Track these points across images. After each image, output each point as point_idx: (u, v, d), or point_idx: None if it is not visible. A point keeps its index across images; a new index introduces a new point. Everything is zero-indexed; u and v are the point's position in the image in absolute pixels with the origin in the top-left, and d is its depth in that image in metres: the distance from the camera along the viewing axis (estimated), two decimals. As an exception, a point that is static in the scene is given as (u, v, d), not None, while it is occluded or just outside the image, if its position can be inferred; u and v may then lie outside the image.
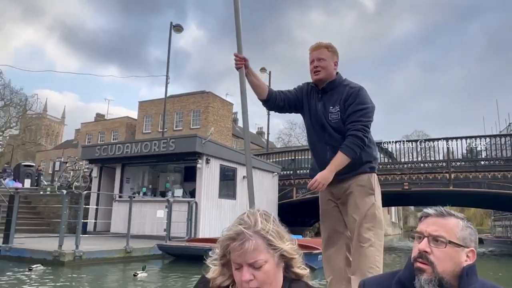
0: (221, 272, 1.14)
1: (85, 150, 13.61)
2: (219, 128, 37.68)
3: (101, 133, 42.94)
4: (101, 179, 13.29)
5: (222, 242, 1.10)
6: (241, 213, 1.14)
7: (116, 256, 8.48)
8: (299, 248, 1.16)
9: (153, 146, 11.68)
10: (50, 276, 6.74)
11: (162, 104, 40.40)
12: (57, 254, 7.45)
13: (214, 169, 11.75)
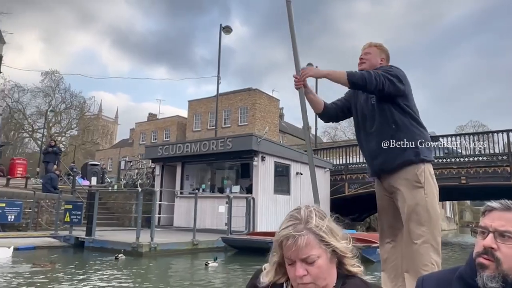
0: (276, 269, 1.15)
1: (148, 150, 14.64)
2: (267, 124, 38.25)
3: (154, 132, 45.03)
4: (163, 177, 14.25)
5: (275, 239, 1.12)
6: (292, 209, 1.16)
7: (184, 248, 9.23)
8: (354, 247, 1.16)
9: (211, 145, 12.39)
10: (132, 264, 7.59)
11: (211, 103, 41.79)
12: (135, 246, 8.30)
13: (269, 166, 12.24)
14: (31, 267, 6.44)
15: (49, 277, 5.88)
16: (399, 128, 2.51)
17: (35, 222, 11.06)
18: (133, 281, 5.99)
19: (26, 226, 10.83)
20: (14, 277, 5.67)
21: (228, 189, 12.75)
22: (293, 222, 1.09)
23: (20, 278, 5.59)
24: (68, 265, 7.27)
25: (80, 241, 9.57)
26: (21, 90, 48.33)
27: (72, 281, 5.73)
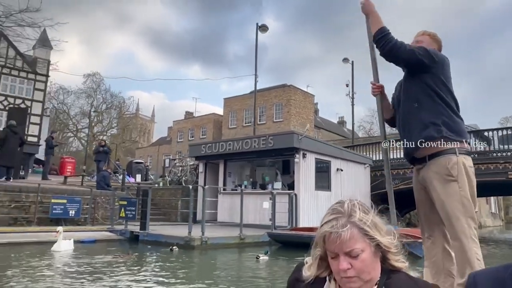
0: (318, 263, 1.15)
1: (192, 148, 15.25)
2: (302, 120, 38.30)
3: (191, 129, 46.19)
4: (206, 174, 14.82)
5: (318, 232, 1.12)
6: (334, 202, 1.16)
7: (232, 242, 9.68)
8: (399, 243, 1.15)
9: (253, 143, 12.78)
10: (186, 256, 8.12)
11: (246, 100, 42.29)
12: (188, 239, 8.83)
13: (310, 162, 12.48)
14: (113, 257, 7.11)
15: (126, 265, 6.48)
16: (421, 106, 2.45)
17: (92, 217, 11.90)
18: (190, 270, 6.49)
19: (84, 221, 11.68)
20: (102, 266, 6.30)
21: (269, 185, 13.10)
22: (336, 216, 1.09)
23: (104, 267, 6.21)
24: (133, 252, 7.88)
25: (135, 235, 10.25)
26: (66, 92, 50.95)
27: (139, 268, 6.29)
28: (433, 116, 2.38)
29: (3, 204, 10.32)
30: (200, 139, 44.73)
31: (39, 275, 5.51)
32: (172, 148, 48.36)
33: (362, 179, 15.12)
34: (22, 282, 5.00)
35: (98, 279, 5.38)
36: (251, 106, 40.44)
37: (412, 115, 2.48)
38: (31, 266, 6.20)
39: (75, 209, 11.33)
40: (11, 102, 34.42)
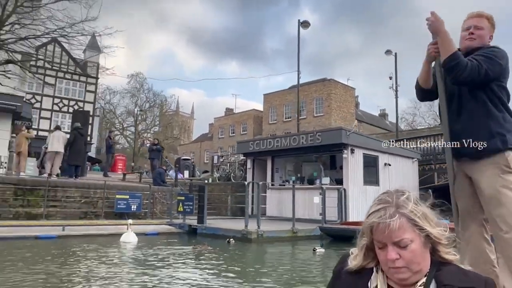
0: (364, 253, 1.13)
1: (240, 145, 15.79)
2: (343, 114, 38.03)
3: (232, 126, 47.07)
4: (254, 170, 15.31)
5: (366, 222, 1.10)
6: (381, 193, 1.14)
7: (285, 236, 10.09)
8: (450, 236, 1.13)
9: (301, 140, 13.09)
10: (244, 248, 8.63)
11: (285, 95, 42.43)
12: (245, 232, 9.34)
13: (358, 158, 12.62)
14: (193, 248, 7.91)
15: (195, 255, 7.08)
16: (486, 113, 2.31)
17: (151, 211, 12.73)
18: (256, 261, 6.97)
19: (144, 215, 12.52)
20: (184, 254, 6.95)
21: (317, 180, 13.37)
22: (384, 205, 1.07)
23: (185, 256, 6.85)
24: (183, 246, 8.49)
25: (193, 228, 10.91)
26: (112, 92, 53.39)
27: (206, 258, 6.85)
28: (499, 126, 2.28)
29: (75, 199, 11.32)
30: (240, 135, 45.52)
31: (116, 263, 6.19)
32: (214, 144, 49.53)
33: (410, 174, 15.01)
34: (111, 270, 5.66)
35: (169, 266, 5.97)
36: (291, 101, 40.71)
37: (474, 120, 2.34)
38: (108, 255, 6.92)
39: (137, 204, 12.18)
40: (65, 104, 36.74)
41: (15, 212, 10.21)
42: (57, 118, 35.73)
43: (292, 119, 40.02)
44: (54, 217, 10.70)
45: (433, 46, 2.29)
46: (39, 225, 9.20)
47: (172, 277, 5.26)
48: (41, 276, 5.03)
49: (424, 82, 2.46)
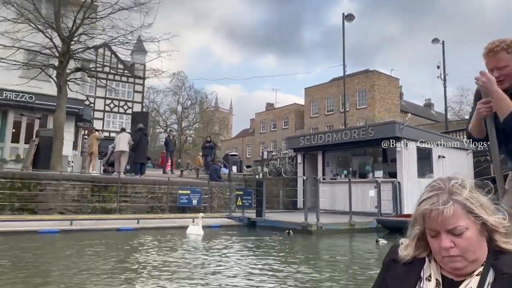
0: (416, 243, 1.09)
1: (290, 141, 16.21)
2: (387, 105, 37.37)
3: (273, 120, 47.49)
4: (304, 164, 15.67)
5: (417, 210, 1.06)
6: (433, 180, 1.10)
7: (343, 228, 10.42)
8: (510, 226, 1.06)
9: (352, 134, 13.29)
10: (305, 239, 9.07)
11: (326, 88, 42.20)
12: (305, 225, 9.77)
13: (411, 151, 12.65)
14: (270, 239, 8.55)
15: (267, 245, 7.63)
16: None
17: (210, 205, 13.46)
18: (318, 251, 7.39)
19: (204, 209, 13.26)
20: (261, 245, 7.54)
21: (370, 174, 13.52)
22: (436, 192, 1.03)
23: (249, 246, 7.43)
24: (257, 237, 9.05)
25: (252, 221, 11.48)
26: (155, 91, 55.40)
27: (275, 248, 7.36)
28: None
29: (142, 195, 12.24)
30: (282, 129, 45.86)
31: (210, 252, 6.83)
32: (255, 139, 50.24)
33: (465, 165, 14.77)
34: (198, 258, 6.30)
35: (244, 255, 6.53)
36: (332, 94, 40.54)
37: None
38: (187, 247, 7.61)
39: (197, 199, 12.94)
40: (116, 104, 38.74)
41: (93, 207, 11.24)
42: (109, 118, 37.82)
43: (334, 112, 39.85)
44: (125, 211, 11.65)
45: (485, 105, 2.12)
46: (118, 218, 10.13)
47: (257, 265, 5.80)
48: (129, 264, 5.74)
49: (478, 134, 2.34)
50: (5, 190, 9.96)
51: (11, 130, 18.95)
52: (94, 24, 13.44)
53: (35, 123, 19.70)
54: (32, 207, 10.28)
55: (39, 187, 10.49)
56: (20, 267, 5.19)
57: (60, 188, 10.65)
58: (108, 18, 13.51)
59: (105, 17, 13.36)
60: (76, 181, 11.15)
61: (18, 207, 10.10)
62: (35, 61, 13.53)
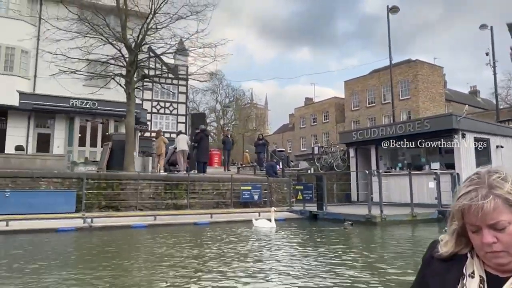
0: (456, 239, 1.06)
1: (343, 136, 16.61)
2: (431, 95, 36.61)
3: (313, 115, 47.63)
4: (357, 158, 16.03)
5: (455, 205, 1.02)
6: (473, 173, 1.05)
7: (405, 219, 10.78)
8: None
9: (407, 127, 13.52)
10: (370, 230, 9.55)
11: (367, 80, 41.86)
12: (369, 217, 10.24)
13: (469, 142, 12.73)
14: (343, 229, 9.25)
15: (338, 234, 8.22)
16: None
17: (270, 200, 14.17)
18: (390, 240, 7.86)
19: (264, 204, 13.99)
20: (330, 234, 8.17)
21: (426, 166, 13.70)
22: (475, 187, 0.99)
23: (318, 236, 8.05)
24: (320, 228, 9.63)
25: (314, 214, 12.06)
26: (194, 91, 56.98)
27: (349, 237, 7.93)
28: None
29: (208, 192, 13.13)
30: (322, 123, 45.96)
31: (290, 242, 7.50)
32: (295, 134, 50.61)
33: (523, 155, 14.58)
34: (285, 249, 6.98)
35: (319, 244, 7.14)
36: (373, 86, 40.16)
37: None
38: (268, 238, 8.32)
39: (258, 194, 13.68)
40: (162, 106, 40.37)
41: (166, 204, 12.25)
42: (156, 119, 39.49)
43: (375, 104, 39.49)
44: (194, 207, 12.58)
45: None
46: (193, 213, 11.04)
47: (346, 254, 6.41)
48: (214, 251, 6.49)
49: None
50: (93, 190, 11.12)
51: (77, 135, 20.58)
52: (156, 34, 14.42)
53: (98, 128, 21.28)
54: (115, 205, 11.40)
55: (120, 186, 11.60)
56: (137, 252, 6.08)
57: (138, 187, 11.71)
58: (168, 28, 14.46)
59: (165, 27, 14.31)
60: (152, 180, 12.19)
61: (104, 205, 11.25)
62: (107, 72, 14.73)
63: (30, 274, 4.69)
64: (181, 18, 14.37)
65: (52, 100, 19.54)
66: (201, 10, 14.38)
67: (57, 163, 12.79)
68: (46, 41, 14.67)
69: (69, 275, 4.72)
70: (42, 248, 6.73)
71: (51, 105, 19.62)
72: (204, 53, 14.30)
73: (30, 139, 20.01)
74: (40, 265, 5.29)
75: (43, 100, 19.55)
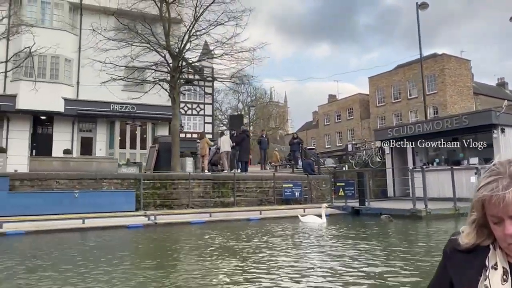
0: (477, 231, 1.03)
1: (378, 133, 16.97)
2: (458, 89, 36.31)
3: (337, 112, 47.76)
4: (392, 155, 16.36)
5: (475, 196, 1.00)
6: (492, 164, 1.02)
7: (449, 213, 11.14)
8: None
9: (445, 124, 13.80)
10: (412, 225, 9.96)
11: (392, 76, 41.75)
12: (414, 211, 10.65)
13: (508, 136, 12.93)
14: (388, 219, 9.85)
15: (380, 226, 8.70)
16: None
17: (310, 197, 14.70)
18: (443, 234, 8.30)
19: (304, 201, 14.53)
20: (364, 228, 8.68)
21: (464, 161, 13.95)
22: (496, 177, 0.96)
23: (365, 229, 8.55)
24: (368, 222, 10.08)
25: (356, 210, 12.52)
26: (216, 91, 57.85)
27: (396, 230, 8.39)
28: None
29: (252, 189, 13.76)
30: (347, 120, 46.05)
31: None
32: (320, 132, 50.84)
33: None
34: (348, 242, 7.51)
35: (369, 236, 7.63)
36: (398, 81, 40.04)
37: None
38: (324, 233, 8.87)
39: (299, 191, 14.23)
40: (189, 107, 41.31)
41: (214, 202, 12.94)
42: (184, 120, 40.54)
43: (401, 100, 39.38)
44: (240, 204, 13.23)
45: None
46: (244, 210, 11.71)
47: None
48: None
49: None
50: (148, 189, 11.91)
51: (118, 138, 21.60)
52: (197, 40, 15.14)
53: (137, 130, 22.28)
54: (169, 203, 12.17)
55: (173, 186, 12.36)
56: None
57: (189, 186, 12.43)
58: (207, 34, 15.15)
59: (206, 33, 15.01)
60: (201, 180, 12.91)
61: (158, 203, 12.02)
62: (153, 78, 15.57)
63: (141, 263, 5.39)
64: (219, 24, 15.03)
65: (94, 105, 20.62)
66: (238, 16, 15.01)
67: (111, 165, 13.67)
68: (97, 51, 15.54)
69: (173, 262, 5.41)
70: (127, 242, 7.50)
71: (94, 110, 20.70)
72: (243, 57, 14.93)
73: (74, 143, 21.14)
74: (140, 255, 6.02)
75: (86, 106, 20.65)
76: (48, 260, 5.73)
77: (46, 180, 10.60)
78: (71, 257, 5.92)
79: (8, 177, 10.21)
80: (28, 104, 19.31)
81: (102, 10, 16.24)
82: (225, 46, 15.24)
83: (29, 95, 18.63)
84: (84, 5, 20.96)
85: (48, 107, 19.88)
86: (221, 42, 15.31)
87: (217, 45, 15.45)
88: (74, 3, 20.98)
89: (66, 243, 7.42)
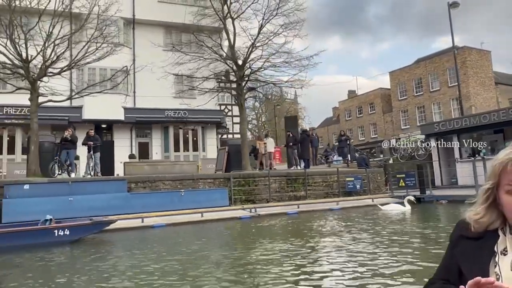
0: (488, 209, 1.02)
1: (424, 128, 18.40)
2: (481, 80, 37.43)
3: (358, 107, 49.07)
4: (438, 148, 17.79)
5: (494, 163, 1.01)
6: None
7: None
8: None
9: (491, 117, 15.19)
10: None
11: (413, 70, 43.04)
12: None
13: (553, 126, 14.30)
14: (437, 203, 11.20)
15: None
16: None
17: (368, 189, 16.20)
18: None
19: (364, 192, 16.03)
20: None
21: (511, 150, 15.32)
22: None
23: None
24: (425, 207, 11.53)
25: (417, 198, 13.98)
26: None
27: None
28: None
29: (319, 184, 15.31)
30: (369, 114, 47.33)
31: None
32: (342, 127, 52.06)
33: None
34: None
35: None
36: (419, 75, 41.27)
37: None
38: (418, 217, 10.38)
39: (359, 184, 15.74)
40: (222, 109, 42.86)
41: (288, 196, 14.50)
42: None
43: (423, 93, 40.59)
44: (309, 197, 14.78)
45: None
46: (324, 202, 13.27)
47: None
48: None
49: None
50: (235, 187, 13.50)
51: (172, 142, 23.29)
52: (258, 50, 16.67)
53: (188, 134, 23.95)
54: (252, 199, 13.76)
55: (254, 183, 13.94)
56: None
57: (268, 182, 14.01)
58: (267, 44, 16.67)
59: (266, 43, 16.52)
60: (276, 177, 14.48)
61: (244, 199, 13.62)
62: (221, 87, 17.17)
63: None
64: (277, 35, 16.55)
65: (150, 112, 22.35)
66: (293, 27, 16.51)
67: (191, 167, 15.29)
68: (167, 64, 17.16)
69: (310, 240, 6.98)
70: (251, 230, 9.14)
71: (150, 117, 22.42)
72: (299, 64, 16.42)
73: (133, 148, 22.87)
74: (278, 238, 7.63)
75: (142, 113, 22.38)
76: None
77: (155, 182, 12.24)
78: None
79: (126, 180, 11.86)
80: (93, 114, 21.07)
81: (157, 23, 17.81)
82: (283, 55, 16.76)
83: (93, 105, 20.36)
84: (137, 20, 22.62)
85: (110, 116, 21.64)
86: (280, 52, 16.79)
87: (276, 55, 16.96)
88: (127, 19, 22.61)
89: (227, 230, 9.03)
